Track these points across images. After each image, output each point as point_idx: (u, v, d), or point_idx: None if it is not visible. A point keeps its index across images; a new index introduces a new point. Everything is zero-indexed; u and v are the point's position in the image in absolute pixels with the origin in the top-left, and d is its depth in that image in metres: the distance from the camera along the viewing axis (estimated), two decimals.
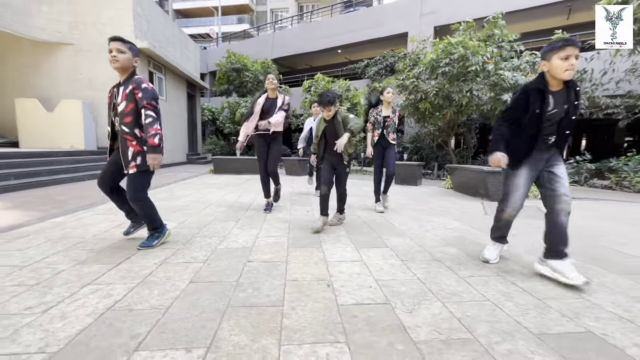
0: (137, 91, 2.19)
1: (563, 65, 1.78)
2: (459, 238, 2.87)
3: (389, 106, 4.00)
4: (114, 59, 2.17)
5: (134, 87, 2.19)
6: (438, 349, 1.25)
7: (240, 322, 1.41)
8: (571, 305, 1.63)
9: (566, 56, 1.78)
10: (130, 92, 2.19)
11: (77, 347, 1.21)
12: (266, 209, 3.79)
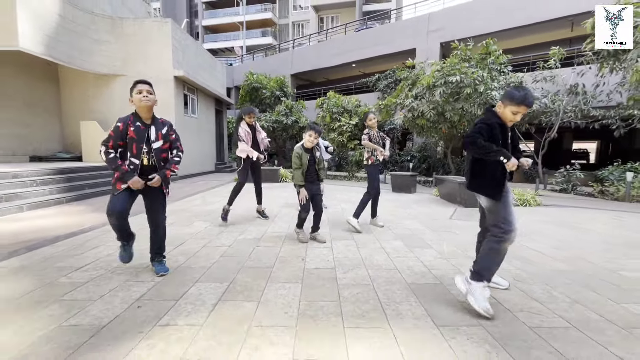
0: (171, 133, 2.55)
1: (510, 117, 2.06)
2: (408, 236, 3.94)
3: (374, 129, 4.24)
4: (145, 99, 2.37)
5: (169, 129, 2.55)
6: (348, 287, 2.40)
7: (247, 274, 2.63)
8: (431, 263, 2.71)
9: (517, 112, 2.04)
10: (166, 132, 2.51)
11: (180, 273, 2.48)
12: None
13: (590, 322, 1.92)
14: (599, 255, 3.23)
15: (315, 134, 3.42)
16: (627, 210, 5.91)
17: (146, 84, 2.43)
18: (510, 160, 1.95)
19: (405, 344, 1.67)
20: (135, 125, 2.39)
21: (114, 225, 2.44)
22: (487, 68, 8.34)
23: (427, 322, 1.91)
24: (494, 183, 2.10)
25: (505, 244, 2.05)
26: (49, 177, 6.33)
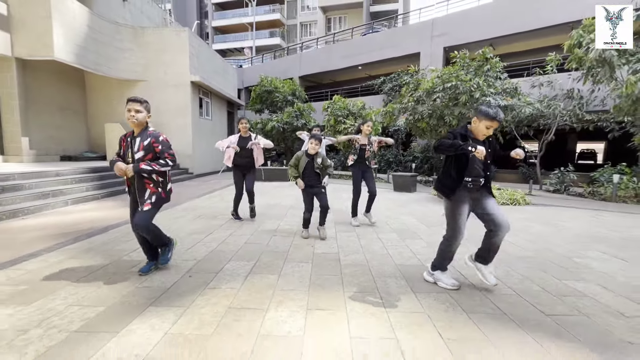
0: (156, 144, 2.56)
1: (484, 130, 2.33)
2: (403, 229, 4.56)
3: (365, 137, 4.63)
4: (132, 118, 2.48)
5: (153, 141, 2.55)
6: (348, 266, 3.04)
7: (268, 256, 3.29)
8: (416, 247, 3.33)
9: (490, 126, 2.31)
10: (148, 144, 2.54)
11: (216, 254, 3.15)
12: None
13: (531, 291, 2.53)
14: (563, 247, 3.81)
15: (316, 141, 3.83)
16: (609, 210, 6.42)
17: (136, 102, 2.51)
18: (479, 148, 2.20)
19: (388, 302, 2.31)
20: (127, 140, 2.61)
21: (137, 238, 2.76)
22: (483, 75, 8.84)
23: (407, 289, 2.54)
24: (448, 183, 2.42)
25: (452, 247, 2.51)
26: (85, 176, 7.09)
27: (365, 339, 1.86)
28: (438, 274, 2.63)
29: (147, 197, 2.60)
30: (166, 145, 2.62)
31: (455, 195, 2.40)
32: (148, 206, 2.58)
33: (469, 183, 2.40)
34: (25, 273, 2.73)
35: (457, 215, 2.43)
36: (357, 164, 4.65)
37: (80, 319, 2.01)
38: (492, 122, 2.30)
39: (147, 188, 2.61)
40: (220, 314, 2.11)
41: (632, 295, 2.50)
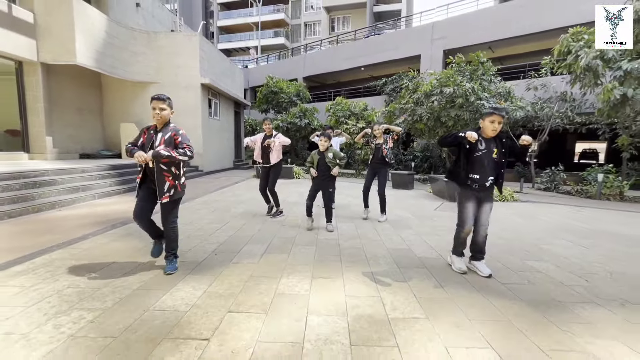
0: (177, 137, 2.68)
1: (490, 127, 2.62)
2: (397, 221, 5.13)
3: (381, 136, 4.95)
4: (157, 115, 2.64)
5: (174, 134, 2.68)
6: (346, 248, 3.62)
7: (279, 240, 3.88)
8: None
9: (492, 120, 2.60)
10: (169, 137, 2.66)
11: (235, 239, 3.75)
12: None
13: (495, 268, 3.09)
14: (534, 236, 4.36)
15: (325, 139, 4.31)
16: (590, 206, 6.94)
17: (160, 100, 2.66)
18: (467, 132, 2.57)
19: (377, 274, 2.89)
20: (149, 132, 2.74)
21: (141, 227, 2.86)
22: (478, 79, 9.35)
23: (393, 265, 3.12)
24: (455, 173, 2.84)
25: (461, 233, 2.89)
26: (107, 172, 7.73)
27: (357, 296, 2.44)
28: (453, 257, 3.03)
29: (167, 190, 2.72)
30: (185, 138, 2.71)
31: (463, 190, 2.79)
32: (166, 199, 2.72)
33: (474, 184, 2.74)
34: (82, 251, 3.35)
35: (463, 207, 2.80)
36: (371, 163, 4.99)
37: (138, 282, 2.62)
38: (492, 116, 2.61)
39: (167, 181, 2.71)
40: (244, 280, 2.70)
41: (577, 271, 3.06)
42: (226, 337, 1.88)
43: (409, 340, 1.89)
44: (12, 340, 1.80)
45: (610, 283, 2.80)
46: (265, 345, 1.80)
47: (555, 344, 1.87)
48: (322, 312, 2.19)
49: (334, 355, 1.74)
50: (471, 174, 2.72)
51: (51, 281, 2.60)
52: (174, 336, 1.88)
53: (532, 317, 2.18)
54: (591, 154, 22.83)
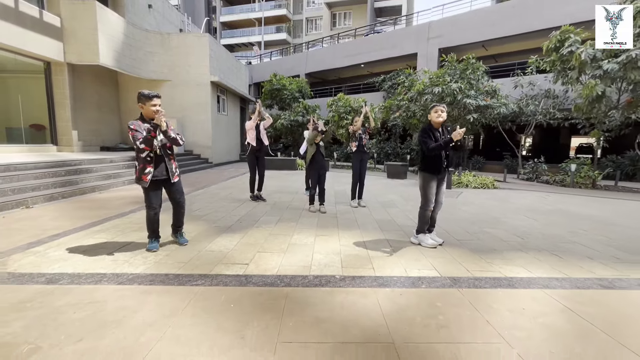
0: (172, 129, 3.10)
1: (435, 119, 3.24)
2: (387, 202, 6.05)
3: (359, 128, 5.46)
4: (161, 112, 2.97)
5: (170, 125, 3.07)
6: (343, 220, 4.55)
7: (288, 214, 4.82)
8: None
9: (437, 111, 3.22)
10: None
11: (252, 213, 4.70)
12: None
13: (456, 231, 4.02)
14: (498, 213, 5.28)
15: (321, 135, 5.15)
16: (561, 193, 7.85)
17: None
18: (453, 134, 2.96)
19: (364, 234, 3.82)
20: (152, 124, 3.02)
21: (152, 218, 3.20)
22: (466, 78, 10.20)
23: (378, 230, 4.05)
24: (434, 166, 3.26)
25: (426, 212, 3.36)
26: (131, 162, 8.68)
27: (348, 246, 3.38)
28: (421, 237, 3.44)
29: (175, 169, 3.21)
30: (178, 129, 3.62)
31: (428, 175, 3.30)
32: (177, 177, 3.24)
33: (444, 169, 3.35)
34: (136, 219, 4.30)
35: (429, 188, 3.32)
36: (357, 152, 5.45)
37: (187, 237, 3.56)
38: (434, 110, 3.24)
39: (173, 162, 3.21)
40: (265, 236, 3.65)
41: (518, 234, 3.99)
42: (259, 263, 2.82)
43: (380, 265, 2.83)
44: (119, 263, 2.75)
45: (540, 240, 3.73)
46: (285, 267, 2.74)
47: (478, 268, 2.81)
48: (323, 252, 3.13)
49: (331, 271, 2.68)
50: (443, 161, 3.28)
51: (123, 236, 3.55)
52: (225, 262, 2.83)
53: (470, 256, 3.11)
54: (587, 149, 23.62)
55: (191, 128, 12.97)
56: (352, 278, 2.55)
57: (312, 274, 2.60)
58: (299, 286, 2.39)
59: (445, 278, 2.58)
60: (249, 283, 2.42)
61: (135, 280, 2.41)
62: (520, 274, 2.70)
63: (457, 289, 2.40)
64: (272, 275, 2.56)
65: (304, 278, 2.53)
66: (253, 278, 2.51)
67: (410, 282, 2.51)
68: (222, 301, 2.14)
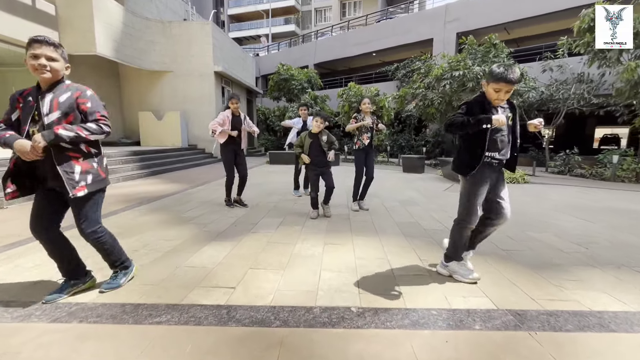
0: (83, 100, 1.78)
1: (493, 95, 1.99)
2: (405, 200, 5.30)
3: (368, 115, 4.32)
4: (42, 69, 1.69)
5: (78, 94, 1.78)
6: (356, 222, 3.84)
7: (293, 216, 4.13)
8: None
9: (498, 89, 1.95)
10: (69, 100, 1.75)
11: (248, 216, 4.03)
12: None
13: (498, 238, 3.26)
14: (539, 213, 4.47)
15: (321, 119, 3.84)
16: (603, 187, 6.92)
17: (47, 45, 1.70)
18: (494, 117, 1.90)
19: (387, 244, 3.10)
20: (26, 100, 1.75)
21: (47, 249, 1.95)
22: (490, 62, 9.24)
23: (400, 236, 3.32)
24: (466, 161, 2.12)
25: (464, 231, 2.19)
26: (129, 158, 8.14)
27: (365, 259, 2.67)
28: (453, 266, 2.28)
29: (80, 177, 1.78)
30: (97, 102, 1.85)
31: (476, 174, 2.10)
32: (82, 190, 1.78)
33: (492, 160, 2.10)
34: (117, 222, 3.69)
35: (475, 195, 2.13)
36: (362, 148, 4.35)
37: (168, 246, 2.92)
38: (497, 84, 1.94)
39: (75, 163, 1.78)
40: (263, 244, 2.97)
41: (576, 240, 3.20)
42: (249, 286, 2.15)
43: (411, 290, 2.11)
44: None
45: (610, 250, 2.94)
46: (283, 294, 2.06)
47: (547, 295, 2.06)
48: (334, 269, 2.43)
49: (345, 300, 1.98)
50: (488, 151, 2.09)
51: (88, 246, 2.92)
52: (205, 285, 2.16)
53: (527, 275, 2.36)
54: (612, 139, 22.11)
55: (195, 121, 12.39)
56: (374, 312, 1.84)
57: (318, 305, 1.91)
58: (300, 326, 1.70)
59: (505, 312, 1.85)
60: (231, 320, 1.74)
61: (76, 316, 1.76)
62: (610, 305, 1.95)
63: (527, 331, 1.67)
64: (265, 307, 1.87)
65: (308, 312, 1.84)
66: (238, 311, 1.83)
67: (456, 318, 1.79)
68: (186, 355, 1.47)
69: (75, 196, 1.78)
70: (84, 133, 1.73)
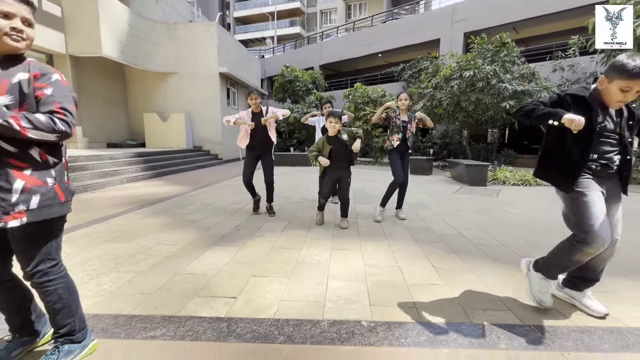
0: (42, 85, 1.22)
1: (617, 96, 1.57)
2: (415, 202, 5.13)
3: (404, 112, 3.88)
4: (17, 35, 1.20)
5: (36, 75, 1.22)
6: (365, 226, 3.68)
7: (298, 219, 3.98)
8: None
9: (628, 89, 1.52)
10: (24, 82, 1.19)
11: (252, 219, 3.89)
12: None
13: (516, 244, 3.07)
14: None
15: (336, 119, 3.39)
16: None
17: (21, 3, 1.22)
18: (566, 116, 1.51)
19: (398, 249, 2.94)
20: None
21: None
22: (500, 61, 9.02)
23: (412, 242, 3.15)
24: (563, 169, 1.71)
25: (582, 254, 1.65)
26: (133, 159, 8.08)
27: (376, 266, 2.51)
28: (535, 275, 1.90)
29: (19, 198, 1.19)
30: (62, 91, 1.25)
31: (580, 184, 1.66)
32: (20, 217, 1.19)
33: (597, 165, 1.67)
34: (117, 225, 3.58)
35: (589, 207, 1.62)
36: (397, 147, 3.85)
37: (168, 251, 2.79)
38: (630, 82, 1.51)
39: (16, 175, 1.19)
40: (266, 250, 2.83)
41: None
42: (252, 296, 2.00)
43: (426, 302, 1.95)
44: None
45: (635, 256, 2.74)
46: (288, 305, 1.91)
47: (574, 308, 1.88)
48: (342, 278, 2.28)
49: (355, 312, 1.82)
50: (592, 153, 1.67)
51: (90, 249, 2.82)
52: (204, 294, 2.02)
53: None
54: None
55: (200, 123, 12.36)
56: (387, 326, 1.68)
57: (326, 318, 1.75)
58: (306, 342, 1.55)
59: (531, 328, 1.68)
60: (231, 335, 1.59)
61: None
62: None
63: (559, 351, 1.50)
64: (268, 320, 1.73)
65: (315, 326, 1.68)
66: (239, 325, 1.68)
67: (477, 333, 1.62)
68: None
69: (5, 225, 1.16)
70: (21, 124, 1.11)
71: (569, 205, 1.71)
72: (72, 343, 1.37)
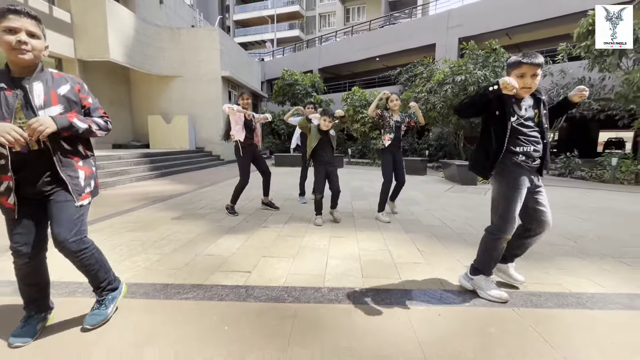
0: (84, 95, 1.57)
1: (520, 83, 1.75)
2: (407, 199, 5.52)
3: (397, 113, 3.99)
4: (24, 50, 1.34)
5: (78, 88, 1.55)
6: (360, 219, 4.06)
7: (300, 213, 4.37)
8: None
9: (521, 73, 1.76)
10: (72, 93, 1.51)
11: (258, 213, 4.27)
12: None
13: None
14: None
15: (330, 118, 3.67)
16: (602, 189, 7.08)
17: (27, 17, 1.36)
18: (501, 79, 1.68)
19: (389, 238, 3.33)
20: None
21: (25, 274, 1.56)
22: (490, 66, 9.46)
23: (402, 232, 3.54)
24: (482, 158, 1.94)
25: (500, 243, 1.93)
26: (140, 159, 8.45)
27: (368, 250, 2.89)
28: (479, 280, 2.04)
29: (85, 183, 1.58)
30: (94, 98, 1.66)
31: (513, 175, 1.88)
32: (87, 198, 1.59)
33: (521, 157, 1.88)
34: (137, 217, 3.95)
35: (514, 201, 1.88)
36: (389, 146, 3.94)
37: (186, 238, 3.17)
38: (520, 69, 1.77)
39: (77, 167, 1.55)
40: (273, 238, 3.21)
41: (567, 235, 3.40)
42: (264, 271, 2.39)
43: (409, 275, 2.34)
44: None
45: (598, 244, 3.14)
46: (294, 277, 2.29)
47: (533, 279, 2.27)
48: (339, 258, 2.66)
49: (350, 282, 2.21)
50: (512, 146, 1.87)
51: (118, 237, 3.19)
52: (224, 269, 2.40)
53: (517, 264, 2.57)
54: (617, 143, 22.05)
55: (203, 124, 12.73)
56: (375, 292, 2.07)
57: (326, 286, 2.14)
58: (310, 302, 1.93)
59: None
60: (249, 297, 1.98)
61: None
62: (588, 288, 2.16)
63: (511, 308, 1.88)
64: (278, 287, 2.11)
65: (317, 291, 2.07)
66: (255, 290, 2.07)
67: (449, 298, 2.01)
68: (213, 323, 1.70)
69: (82, 204, 1.56)
70: (94, 127, 1.54)
71: (501, 194, 1.96)
72: (112, 291, 1.74)
